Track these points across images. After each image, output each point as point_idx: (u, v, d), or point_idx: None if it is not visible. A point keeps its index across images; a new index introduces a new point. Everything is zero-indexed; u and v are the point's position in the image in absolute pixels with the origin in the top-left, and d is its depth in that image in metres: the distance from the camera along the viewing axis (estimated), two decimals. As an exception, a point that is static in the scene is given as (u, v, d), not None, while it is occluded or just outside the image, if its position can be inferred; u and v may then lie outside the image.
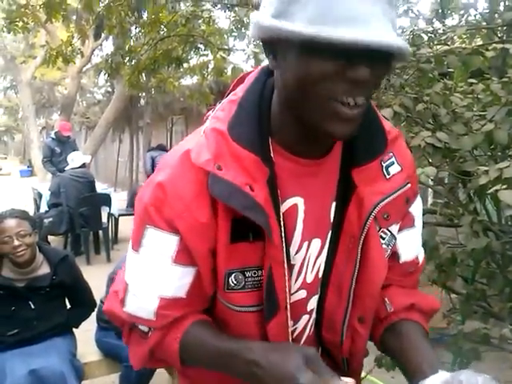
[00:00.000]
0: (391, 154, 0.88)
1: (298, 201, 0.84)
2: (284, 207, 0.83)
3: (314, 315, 0.94)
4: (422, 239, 1.02)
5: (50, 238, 6.00)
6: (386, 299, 0.95)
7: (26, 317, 2.29)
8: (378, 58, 0.67)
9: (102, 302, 2.69)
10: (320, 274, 0.90)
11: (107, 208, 6.48)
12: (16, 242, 2.24)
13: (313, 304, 0.92)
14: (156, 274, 0.84)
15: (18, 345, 2.27)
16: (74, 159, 6.19)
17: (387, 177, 0.86)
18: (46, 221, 5.71)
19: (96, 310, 2.65)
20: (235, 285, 0.82)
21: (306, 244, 0.87)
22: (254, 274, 0.82)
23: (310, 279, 0.90)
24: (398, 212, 0.90)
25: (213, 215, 0.79)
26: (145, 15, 5.56)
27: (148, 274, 0.85)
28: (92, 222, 6.06)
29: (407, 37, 2.04)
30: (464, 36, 2.32)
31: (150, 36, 5.30)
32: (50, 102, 17.29)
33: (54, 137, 7.34)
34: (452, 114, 1.85)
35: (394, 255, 0.94)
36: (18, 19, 5.22)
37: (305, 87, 0.71)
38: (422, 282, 1.96)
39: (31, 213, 6.77)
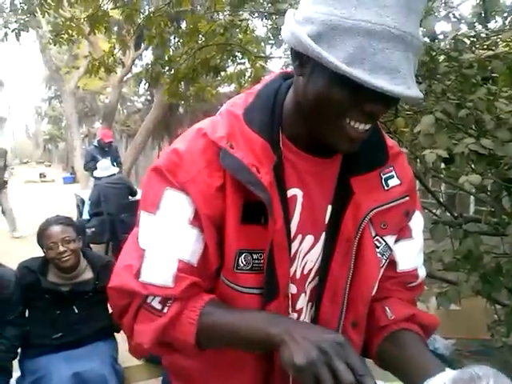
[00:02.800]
0: (391, 168, 0.93)
1: (298, 193, 0.88)
2: (287, 195, 0.87)
3: (303, 318, 0.94)
4: (466, 248, 1.00)
5: (92, 244, 6.15)
6: (387, 308, 0.95)
7: (69, 321, 2.35)
8: (394, 99, 0.74)
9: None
10: (305, 271, 0.92)
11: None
12: (61, 248, 2.30)
13: (301, 303, 0.93)
14: (175, 236, 0.85)
15: (63, 348, 2.33)
16: (104, 169, 6.31)
17: (386, 188, 0.90)
18: (88, 230, 5.83)
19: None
20: (244, 265, 0.85)
21: (299, 237, 0.90)
22: (260, 256, 0.85)
23: (298, 274, 0.92)
24: (395, 223, 0.93)
25: (222, 190, 0.83)
26: (183, 25, 5.66)
27: (167, 236, 0.86)
28: (132, 227, 6.15)
29: (449, 42, 2.00)
30: (509, 40, 2.26)
31: (188, 45, 5.38)
32: (92, 110, 17.80)
33: (96, 144, 7.56)
34: (496, 119, 1.81)
35: (392, 264, 0.96)
36: (63, 32, 5.40)
37: (322, 105, 0.77)
38: (466, 293, 1.92)
39: (74, 219, 7.00)
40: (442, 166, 2.16)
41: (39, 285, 2.30)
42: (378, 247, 0.91)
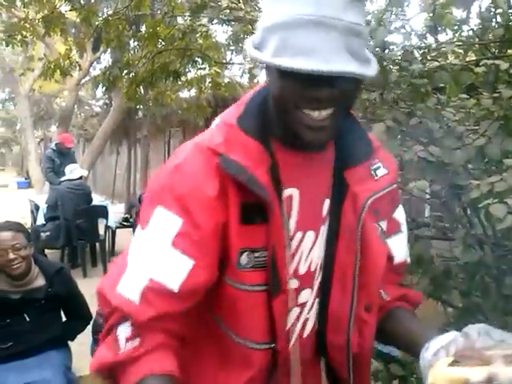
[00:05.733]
0: (377, 160, 0.98)
1: (294, 192, 0.93)
2: (283, 195, 0.91)
3: (306, 313, 0.98)
4: (417, 252, 1.07)
5: (46, 250, 5.98)
6: (382, 291, 1.03)
7: (20, 329, 2.28)
8: (340, 79, 0.77)
9: (97, 313, 2.69)
10: (312, 268, 0.97)
11: (104, 220, 6.47)
12: (11, 255, 2.23)
13: (304, 298, 0.97)
14: (153, 253, 0.87)
15: (13, 358, 2.26)
16: (73, 171, 6.19)
17: (375, 178, 0.96)
18: (43, 234, 5.68)
19: (91, 322, 2.64)
20: (246, 263, 0.88)
21: (299, 234, 0.94)
22: (262, 254, 0.89)
23: (302, 270, 0.96)
24: (385, 209, 1.00)
25: (222, 194, 0.86)
26: (142, 29, 5.60)
27: (145, 252, 0.88)
28: (89, 234, 6.04)
29: (399, 52, 2.07)
30: (457, 51, 2.35)
31: (147, 49, 5.33)
32: (48, 114, 17.32)
33: (54, 148, 7.35)
34: (445, 128, 1.87)
35: (388, 258, 1.01)
36: (16, 33, 5.25)
37: (279, 101, 0.84)
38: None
39: (28, 225, 6.79)
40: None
41: (-12, 293, 2.22)
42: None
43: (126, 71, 5.44)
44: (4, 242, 2.25)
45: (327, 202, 0.96)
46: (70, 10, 5.28)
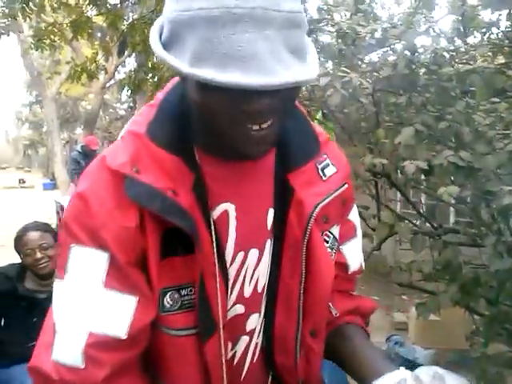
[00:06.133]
0: (325, 156, 0.85)
1: (229, 207, 0.78)
2: (214, 214, 0.77)
3: (256, 339, 0.86)
4: (446, 259, 1.02)
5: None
6: (330, 304, 0.91)
7: (46, 329, 2.31)
8: (275, 89, 0.61)
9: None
10: (259, 289, 0.84)
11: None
12: (38, 255, 2.26)
13: (253, 324, 0.84)
14: (84, 303, 0.71)
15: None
16: None
17: (324, 178, 0.82)
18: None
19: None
20: (171, 306, 0.75)
21: (241, 254, 0.81)
22: (190, 291, 0.75)
23: (247, 293, 0.83)
24: (336, 214, 0.87)
25: (140, 224, 0.71)
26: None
27: (74, 304, 0.72)
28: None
29: (429, 55, 2.04)
30: (486, 55, 2.30)
31: (172, 53, 5.39)
32: (73, 116, 17.64)
33: (80, 150, 7.48)
34: (475, 132, 1.84)
35: (342, 266, 0.92)
36: (45, 37, 5.36)
37: (206, 116, 0.68)
38: (446, 303, 1.94)
39: (54, 225, 6.90)
40: (422, 177, 2.19)
41: (16, 291, 2.26)
42: (327, 242, 0.85)
43: (150, 75, 5.51)
44: (32, 242, 2.28)
45: (271, 212, 0.82)
46: (97, 15, 5.36)
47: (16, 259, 2.37)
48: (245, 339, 0.85)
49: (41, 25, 6.02)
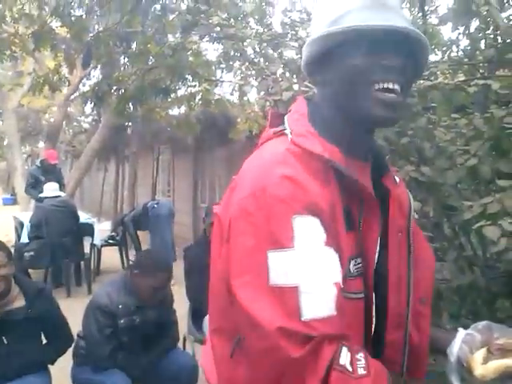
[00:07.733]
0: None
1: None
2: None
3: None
4: None
5: (30, 270, 5.83)
6: None
7: (-2, 353, 2.20)
8: (404, 50, 0.86)
9: (78, 336, 2.60)
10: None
11: (90, 238, 6.37)
12: (-10, 274, 2.16)
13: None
14: (323, 261, 0.82)
15: (-12, 382, 2.17)
16: (53, 191, 6.08)
17: (397, 183, 1.02)
18: (26, 254, 5.52)
19: (73, 344, 2.55)
20: (353, 271, 0.88)
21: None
22: (358, 261, 0.89)
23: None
24: None
25: (336, 203, 0.86)
26: (133, 46, 5.60)
27: (316, 263, 0.81)
28: (74, 252, 5.89)
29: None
30: (447, 72, 2.35)
31: (137, 66, 5.32)
32: (35, 129, 17.21)
33: (39, 165, 7.27)
34: (436, 148, 1.86)
35: None
36: (6, 48, 5.22)
37: (351, 78, 0.87)
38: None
39: (12, 242, 6.64)
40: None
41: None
42: None
43: (115, 87, 5.42)
44: (-17, 261, 2.17)
45: None
46: (61, 27, 5.25)
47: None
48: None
49: (1, 35, 5.87)
